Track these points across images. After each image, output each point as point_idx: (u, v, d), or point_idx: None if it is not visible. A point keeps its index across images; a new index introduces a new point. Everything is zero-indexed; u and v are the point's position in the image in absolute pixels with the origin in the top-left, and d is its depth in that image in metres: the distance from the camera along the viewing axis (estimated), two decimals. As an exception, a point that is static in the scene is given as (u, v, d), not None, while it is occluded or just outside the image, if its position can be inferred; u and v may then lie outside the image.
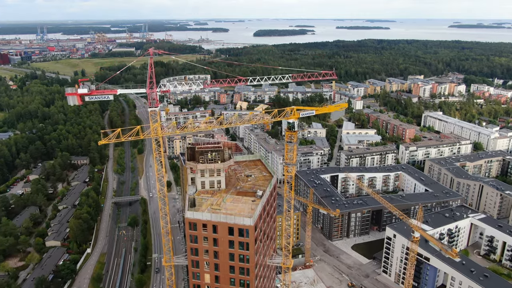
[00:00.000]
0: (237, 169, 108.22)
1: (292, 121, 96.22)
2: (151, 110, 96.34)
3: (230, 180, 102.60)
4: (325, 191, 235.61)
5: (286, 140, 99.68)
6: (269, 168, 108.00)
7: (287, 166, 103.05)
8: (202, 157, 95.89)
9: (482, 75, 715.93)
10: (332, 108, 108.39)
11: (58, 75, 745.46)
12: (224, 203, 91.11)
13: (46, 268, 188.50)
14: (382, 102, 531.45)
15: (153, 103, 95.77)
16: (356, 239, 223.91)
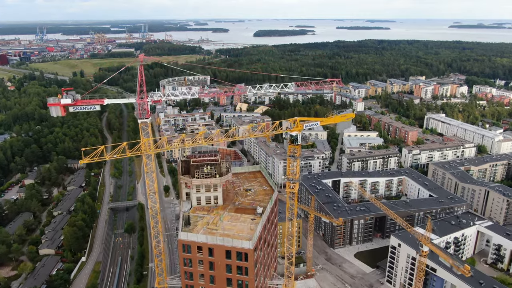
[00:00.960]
0: (235, 182, 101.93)
1: (296, 133, 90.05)
2: (141, 122, 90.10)
3: (228, 195, 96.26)
4: (327, 197, 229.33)
5: (289, 154, 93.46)
6: (270, 181, 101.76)
7: (290, 182, 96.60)
8: (198, 171, 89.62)
9: (484, 76, 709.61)
10: (338, 118, 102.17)
11: (57, 76, 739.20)
12: (221, 221, 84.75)
13: (39, 278, 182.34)
14: (384, 104, 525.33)
15: (144, 114, 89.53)
16: (359, 246, 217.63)
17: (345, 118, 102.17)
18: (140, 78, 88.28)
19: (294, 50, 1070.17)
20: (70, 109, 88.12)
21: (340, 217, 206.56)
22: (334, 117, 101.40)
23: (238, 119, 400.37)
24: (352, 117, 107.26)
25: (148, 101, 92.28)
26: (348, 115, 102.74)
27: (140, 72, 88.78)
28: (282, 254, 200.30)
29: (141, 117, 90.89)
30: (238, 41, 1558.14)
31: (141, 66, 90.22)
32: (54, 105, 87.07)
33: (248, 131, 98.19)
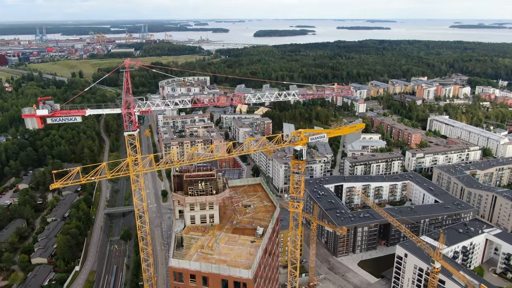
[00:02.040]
0: (233, 197, 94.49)
1: (300, 148, 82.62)
2: (128, 135, 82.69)
3: (225, 212, 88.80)
4: (329, 203, 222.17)
5: (292, 171, 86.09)
6: (271, 196, 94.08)
7: (293, 201, 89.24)
8: (192, 187, 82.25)
9: (486, 76, 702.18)
10: (347, 130, 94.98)
11: (55, 77, 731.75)
12: (217, 244, 77.26)
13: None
14: (386, 105, 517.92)
15: (130, 126, 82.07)
16: (362, 254, 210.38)
17: (354, 129, 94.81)
18: (125, 86, 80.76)
19: (295, 50, 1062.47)
20: (48, 120, 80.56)
21: (343, 224, 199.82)
22: (343, 128, 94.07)
23: (238, 121, 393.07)
24: (362, 128, 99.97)
25: (136, 111, 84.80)
26: (357, 126, 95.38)
27: (125, 80, 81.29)
28: (283, 264, 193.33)
29: (127, 130, 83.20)
30: (238, 41, 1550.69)
31: (127, 72, 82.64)
32: (30, 117, 79.22)
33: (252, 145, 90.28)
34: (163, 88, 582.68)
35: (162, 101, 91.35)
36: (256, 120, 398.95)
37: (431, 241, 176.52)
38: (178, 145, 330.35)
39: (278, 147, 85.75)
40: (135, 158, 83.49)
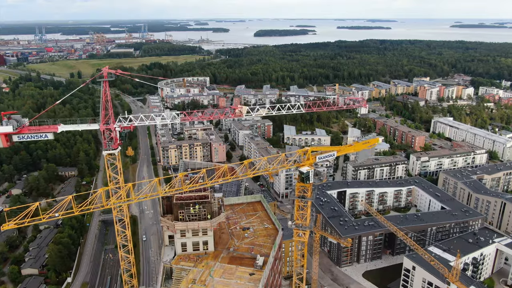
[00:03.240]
0: (231, 217, 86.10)
1: (307, 170, 74.07)
2: (107, 154, 74.24)
3: (221, 236, 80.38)
4: (332, 210, 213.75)
5: (297, 195, 77.59)
6: (272, 217, 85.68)
7: (298, 229, 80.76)
8: (182, 211, 73.91)
9: (489, 76, 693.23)
10: (359, 146, 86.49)
11: (53, 77, 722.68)
12: (211, 278, 68.91)
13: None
14: (388, 106, 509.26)
15: (110, 144, 73.57)
16: (367, 264, 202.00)
17: (367, 145, 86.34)
18: (104, 99, 72.31)
19: (295, 50, 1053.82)
20: (14, 138, 72.00)
21: (347, 233, 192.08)
22: (355, 144, 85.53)
23: (238, 123, 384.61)
24: (376, 143, 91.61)
25: (116, 127, 76.35)
26: (371, 141, 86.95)
27: (104, 91, 72.85)
28: (284, 275, 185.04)
29: (106, 148, 74.54)
30: (239, 41, 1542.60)
31: (105, 82, 74.18)
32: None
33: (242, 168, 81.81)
34: (162, 89, 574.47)
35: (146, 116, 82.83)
36: (256, 122, 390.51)
37: (440, 253, 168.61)
38: (176, 148, 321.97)
39: (281, 168, 77.34)
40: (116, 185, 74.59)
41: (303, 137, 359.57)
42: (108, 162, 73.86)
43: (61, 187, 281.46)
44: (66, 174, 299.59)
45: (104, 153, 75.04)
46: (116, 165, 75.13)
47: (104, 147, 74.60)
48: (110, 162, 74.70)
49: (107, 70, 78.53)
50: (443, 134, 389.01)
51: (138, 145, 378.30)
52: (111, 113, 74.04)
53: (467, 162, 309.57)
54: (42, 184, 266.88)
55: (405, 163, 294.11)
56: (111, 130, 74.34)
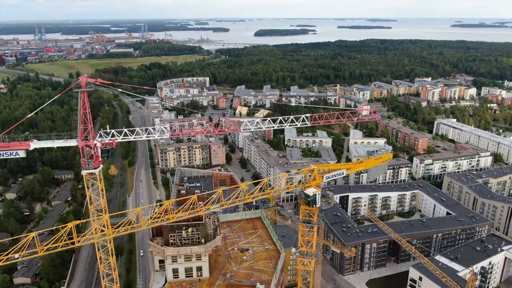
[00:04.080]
0: (228, 236, 79.76)
1: (313, 193, 67.57)
2: (87, 174, 67.82)
3: (217, 260, 73.92)
4: (334, 216, 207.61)
5: (302, 219, 71.22)
6: (274, 237, 79.28)
7: (303, 258, 74.27)
8: (173, 235, 67.61)
9: (491, 77, 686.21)
10: (371, 162, 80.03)
11: (52, 78, 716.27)
12: (205, 310, 62.91)
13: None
14: (390, 107, 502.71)
15: (90, 163, 67.10)
16: (371, 273, 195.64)
17: (380, 161, 79.93)
18: (82, 111, 65.86)
19: (296, 50, 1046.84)
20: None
21: (350, 241, 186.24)
22: (366, 161, 79.06)
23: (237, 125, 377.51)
24: (389, 159, 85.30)
25: (96, 143, 69.93)
26: (384, 157, 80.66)
27: (82, 102, 66.41)
28: (285, 284, 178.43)
29: (85, 167, 67.89)
30: (239, 41, 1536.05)
31: (84, 93, 67.74)
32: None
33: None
34: (161, 90, 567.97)
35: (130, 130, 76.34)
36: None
37: (448, 262, 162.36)
38: (174, 150, 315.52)
39: (283, 190, 71.05)
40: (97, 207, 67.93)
41: (304, 139, 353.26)
42: (88, 182, 66.85)
43: (56, 191, 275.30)
44: (62, 177, 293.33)
45: (83, 173, 68.14)
46: (98, 185, 68.28)
47: (83, 166, 67.56)
48: (91, 182, 67.76)
49: (85, 79, 71.90)
50: (446, 136, 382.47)
51: (136, 147, 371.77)
52: (91, 127, 67.44)
53: (472, 165, 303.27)
54: (37, 188, 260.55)
55: (408, 166, 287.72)
56: (91, 147, 67.81)
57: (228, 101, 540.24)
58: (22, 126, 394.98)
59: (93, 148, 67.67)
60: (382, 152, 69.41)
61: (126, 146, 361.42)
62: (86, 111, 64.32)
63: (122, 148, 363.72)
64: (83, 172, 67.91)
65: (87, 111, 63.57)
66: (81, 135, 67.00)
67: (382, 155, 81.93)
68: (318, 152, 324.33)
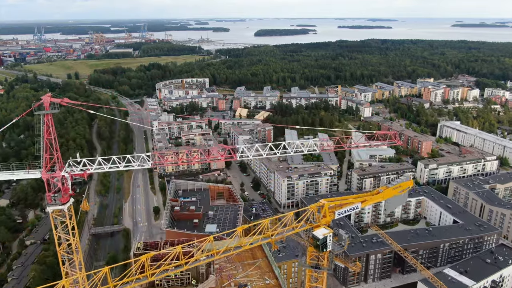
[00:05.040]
0: (224, 268, 72.23)
1: (323, 235, 59.87)
2: (53, 211, 59.87)
3: (211, 299, 66.64)
4: (337, 225, 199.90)
5: (309, 263, 63.62)
6: (275, 267, 71.75)
7: None
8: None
9: (493, 77, 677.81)
10: (389, 192, 72.21)
11: (50, 78, 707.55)
12: None
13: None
14: (392, 109, 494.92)
15: (57, 198, 59.21)
16: (376, 284, 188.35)
17: (399, 189, 72.26)
18: (46, 137, 57.96)
19: (296, 50, 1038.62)
20: None
21: (354, 251, 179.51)
22: (384, 192, 71.47)
23: (237, 128, 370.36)
24: (410, 187, 78.08)
25: (64, 174, 62.05)
26: (403, 185, 73.16)
27: (46, 127, 58.58)
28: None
29: (51, 203, 59.59)
30: (239, 41, 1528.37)
31: (48, 116, 59.95)
32: None
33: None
34: (160, 91, 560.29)
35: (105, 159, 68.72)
36: (256, 127, 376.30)
37: (457, 276, 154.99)
38: (173, 155, 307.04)
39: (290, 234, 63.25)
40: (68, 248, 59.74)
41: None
42: (55, 220, 58.28)
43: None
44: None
45: (48, 210, 59.65)
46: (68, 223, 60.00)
47: (49, 202, 59.03)
48: (58, 220, 59.07)
49: (48, 99, 63.99)
50: (450, 139, 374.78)
51: (134, 150, 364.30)
52: (58, 155, 59.62)
53: (477, 170, 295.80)
54: (31, 194, 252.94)
55: (412, 171, 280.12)
56: (58, 179, 59.94)
57: (228, 102, 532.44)
58: (18, 128, 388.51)
59: (61, 181, 59.72)
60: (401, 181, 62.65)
61: (123, 149, 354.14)
62: (52, 137, 56.34)
63: (120, 151, 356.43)
64: (48, 209, 59.63)
65: (53, 136, 55.63)
66: (45, 166, 59.13)
67: (401, 183, 74.33)
68: (319, 156, 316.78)
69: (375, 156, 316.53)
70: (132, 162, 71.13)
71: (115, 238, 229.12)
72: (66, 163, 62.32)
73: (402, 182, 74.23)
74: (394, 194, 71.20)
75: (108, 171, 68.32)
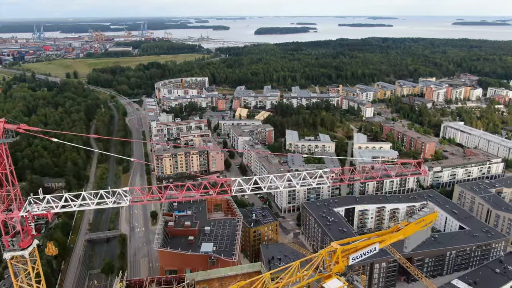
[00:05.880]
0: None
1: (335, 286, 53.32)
2: (11, 257, 52.76)
3: None
4: (340, 232, 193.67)
5: None
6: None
7: None
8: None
9: (496, 76, 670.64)
10: (411, 228, 65.44)
11: (48, 78, 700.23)
12: None
13: None
14: (394, 109, 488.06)
15: (15, 242, 52.04)
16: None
17: (421, 224, 65.47)
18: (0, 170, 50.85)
19: (296, 48, 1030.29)
20: None
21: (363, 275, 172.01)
22: (405, 227, 64.72)
23: (237, 129, 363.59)
24: (434, 220, 71.57)
25: (24, 214, 55.06)
26: (427, 218, 66.63)
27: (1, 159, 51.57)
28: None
29: (9, 248, 52.05)
30: (239, 39, 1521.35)
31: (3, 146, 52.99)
32: None
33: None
34: (159, 90, 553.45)
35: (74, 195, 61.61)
36: (256, 128, 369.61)
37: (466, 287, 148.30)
38: (171, 157, 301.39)
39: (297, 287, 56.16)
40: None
41: (306, 144, 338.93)
42: (15, 268, 50.80)
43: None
44: (52, 186, 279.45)
45: (6, 257, 52.05)
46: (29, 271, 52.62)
47: (6, 247, 51.50)
48: (20, 268, 51.78)
49: (2, 126, 56.55)
50: (454, 140, 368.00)
51: (131, 151, 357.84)
52: (17, 191, 52.66)
53: (483, 172, 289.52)
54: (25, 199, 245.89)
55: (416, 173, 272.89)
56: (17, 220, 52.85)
57: (228, 102, 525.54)
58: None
59: (20, 222, 52.65)
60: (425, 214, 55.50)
61: (121, 151, 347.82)
62: (7, 170, 49.33)
63: (117, 153, 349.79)
64: (6, 255, 51.89)
65: (7, 170, 48.49)
66: (1, 204, 52.23)
67: (425, 217, 67.69)
68: (321, 159, 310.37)
69: (378, 158, 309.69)
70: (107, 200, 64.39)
71: (111, 244, 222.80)
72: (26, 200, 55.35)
73: (425, 215, 67.71)
74: (416, 230, 64.13)
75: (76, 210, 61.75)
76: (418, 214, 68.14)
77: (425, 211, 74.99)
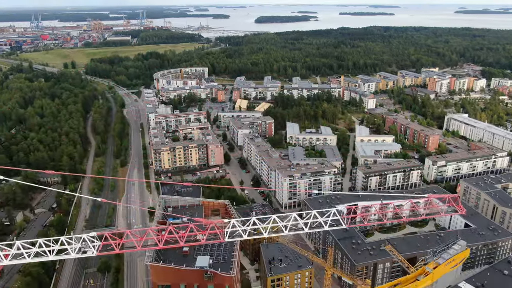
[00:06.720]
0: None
1: None
2: None
3: None
4: (343, 230, 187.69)
5: None
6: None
7: None
8: None
9: (499, 66, 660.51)
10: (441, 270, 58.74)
11: (45, 68, 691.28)
12: None
13: None
14: (397, 100, 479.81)
15: None
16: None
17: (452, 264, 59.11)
18: None
19: (297, 38, 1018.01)
20: None
21: (361, 260, 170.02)
22: (434, 271, 58.40)
23: (237, 121, 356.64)
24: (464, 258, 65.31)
25: None
26: (458, 257, 60.22)
27: None
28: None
29: None
30: (239, 28, 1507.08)
31: None
32: None
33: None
34: (158, 81, 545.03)
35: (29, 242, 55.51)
36: (256, 120, 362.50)
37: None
38: (169, 150, 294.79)
39: None
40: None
41: (307, 137, 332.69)
42: None
43: (42, 196, 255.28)
44: (48, 180, 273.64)
45: None
46: None
47: None
48: None
49: None
50: (458, 132, 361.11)
51: (129, 144, 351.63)
52: None
53: (487, 166, 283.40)
54: (19, 195, 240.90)
55: (420, 168, 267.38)
56: None
57: (228, 93, 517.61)
58: (11, 121, 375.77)
59: None
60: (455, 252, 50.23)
61: (119, 144, 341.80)
62: None
63: (114, 146, 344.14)
64: None
65: None
66: None
67: (455, 256, 61.45)
68: (322, 151, 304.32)
69: (380, 151, 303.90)
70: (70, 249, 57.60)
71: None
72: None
73: (456, 253, 61.43)
74: (446, 271, 57.40)
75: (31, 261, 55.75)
76: (447, 253, 61.47)
77: (456, 248, 67.85)
